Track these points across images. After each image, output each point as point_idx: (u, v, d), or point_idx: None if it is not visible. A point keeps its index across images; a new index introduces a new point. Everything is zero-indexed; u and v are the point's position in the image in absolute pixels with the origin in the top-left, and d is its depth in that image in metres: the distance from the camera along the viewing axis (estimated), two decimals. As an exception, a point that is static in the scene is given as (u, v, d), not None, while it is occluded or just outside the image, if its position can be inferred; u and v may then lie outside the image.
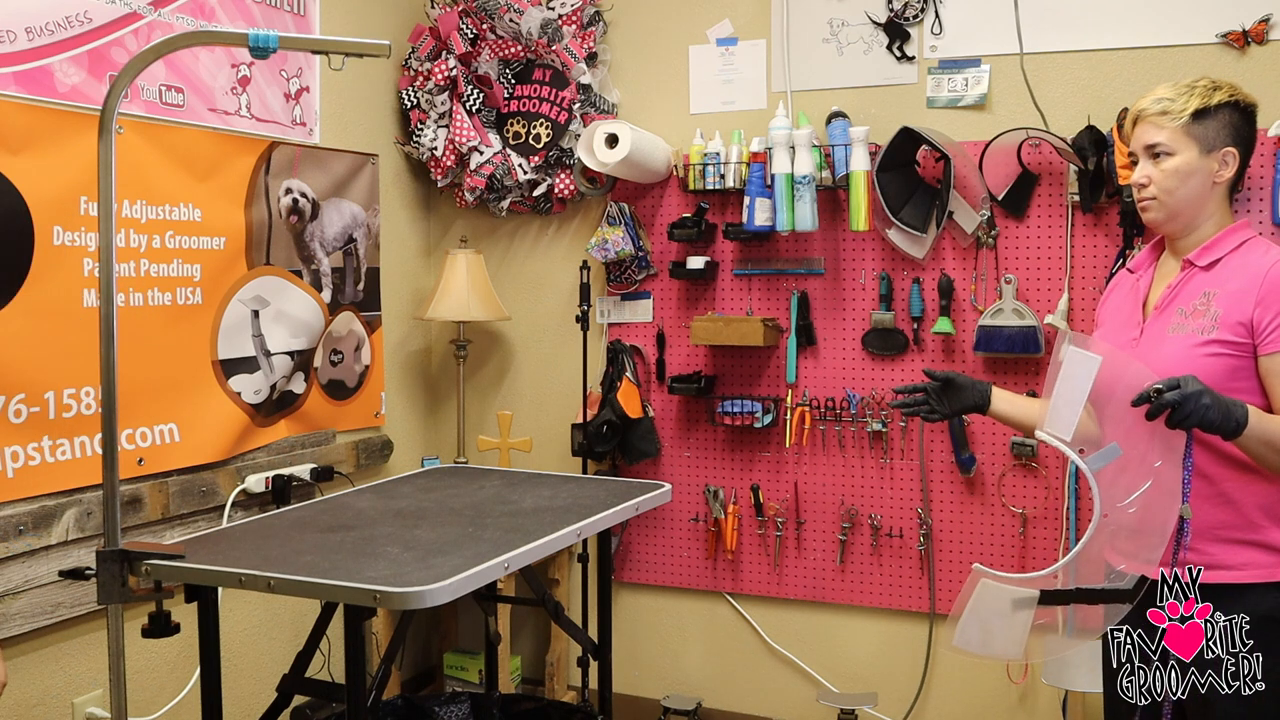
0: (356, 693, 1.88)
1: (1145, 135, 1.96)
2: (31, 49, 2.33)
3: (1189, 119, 1.92)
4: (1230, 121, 1.94)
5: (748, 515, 3.36)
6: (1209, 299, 1.91)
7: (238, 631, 2.97)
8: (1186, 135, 1.93)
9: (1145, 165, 1.97)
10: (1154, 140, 1.95)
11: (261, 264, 2.95)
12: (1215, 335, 1.87)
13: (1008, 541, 3.09)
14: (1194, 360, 1.87)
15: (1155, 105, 1.95)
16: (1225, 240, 1.95)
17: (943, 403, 2.13)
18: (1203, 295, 1.92)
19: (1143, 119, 1.97)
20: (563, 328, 3.58)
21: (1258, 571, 1.87)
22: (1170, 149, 1.93)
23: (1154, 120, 1.95)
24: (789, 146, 3.05)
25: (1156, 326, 1.97)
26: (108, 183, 1.78)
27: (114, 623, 1.84)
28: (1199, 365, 1.85)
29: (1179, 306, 1.95)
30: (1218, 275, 1.93)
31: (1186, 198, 1.94)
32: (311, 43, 1.91)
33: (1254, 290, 1.86)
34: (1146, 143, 1.96)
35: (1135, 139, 1.99)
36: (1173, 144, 1.93)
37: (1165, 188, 1.94)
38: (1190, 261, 1.96)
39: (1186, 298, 1.94)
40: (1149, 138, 1.96)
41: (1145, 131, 1.97)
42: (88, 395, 2.45)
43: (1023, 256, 3.04)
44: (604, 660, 2.66)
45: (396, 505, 2.41)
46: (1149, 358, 1.93)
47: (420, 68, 3.50)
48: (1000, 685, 3.14)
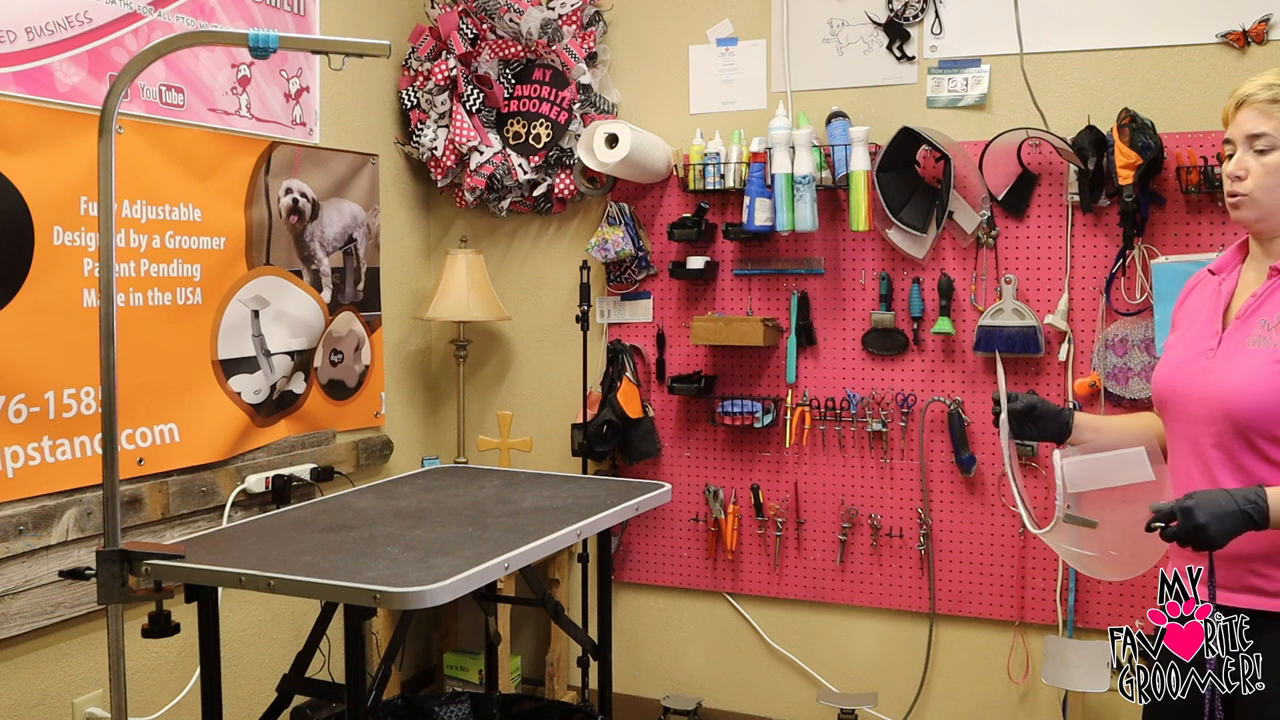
0: (356, 693, 1.88)
1: (1249, 123, 1.77)
2: (31, 49, 2.33)
3: None
4: None
5: (748, 515, 3.36)
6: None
7: (238, 631, 2.97)
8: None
9: (1244, 156, 1.78)
10: (1260, 130, 1.75)
11: (261, 264, 2.95)
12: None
13: (1008, 541, 3.09)
14: (1272, 377, 1.72)
15: (1266, 91, 1.76)
16: None
17: (1021, 429, 2.00)
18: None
19: (1250, 104, 1.78)
20: (563, 328, 3.57)
21: None
22: (1277, 142, 1.75)
23: (1262, 108, 1.76)
24: (789, 146, 3.05)
25: (1236, 337, 1.80)
26: (108, 183, 1.78)
27: (114, 623, 1.84)
28: (1277, 382, 1.72)
29: (1262, 317, 1.78)
30: None
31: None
32: (311, 43, 1.91)
33: None
34: (1250, 131, 1.77)
35: (1236, 125, 1.80)
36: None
37: (1265, 185, 1.76)
38: (1278, 269, 1.80)
39: (1272, 308, 1.78)
40: (1254, 126, 1.76)
41: (1250, 119, 1.77)
42: (88, 395, 2.45)
43: (1023, 256, 3.04)
44: (604, 660, 2.66)
45: (396, 505, 2.41)
46: (1224, 371, 1.79)
47: (420, 68, 3.50)
48: (1000, 685, 3.14)
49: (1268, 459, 1.73)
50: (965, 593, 3.14)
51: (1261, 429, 1.73)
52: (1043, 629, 3.07)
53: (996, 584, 3.11)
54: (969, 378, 3.10)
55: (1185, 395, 1.84)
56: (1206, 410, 1.79)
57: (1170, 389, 1.88)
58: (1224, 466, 1.77)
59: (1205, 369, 1.82)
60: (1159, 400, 1.93)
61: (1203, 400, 1.80)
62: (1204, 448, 1.80)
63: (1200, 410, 1.81)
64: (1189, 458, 1.83)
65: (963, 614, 3.15)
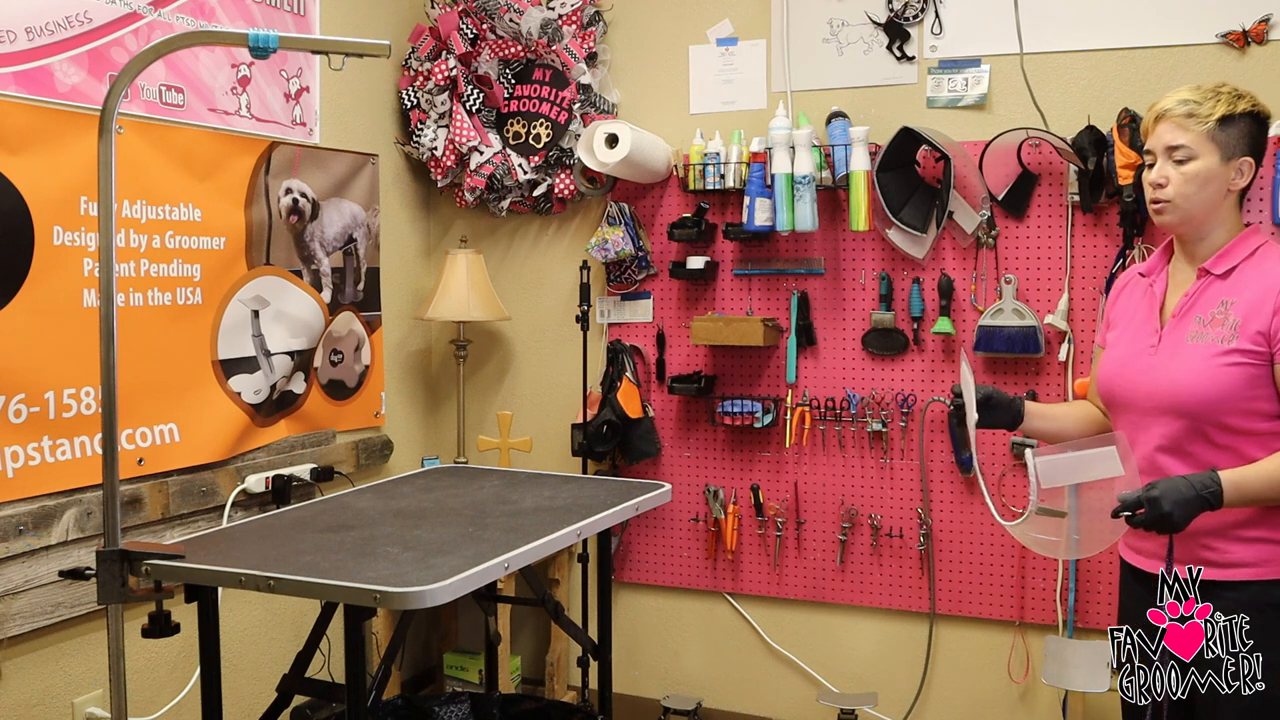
0: (356, 693, 1.88)
1: (1168, 135, 1.92)
2: (31, 49, 2.33)
3: (1215, 124, 1.89)
4: (1249, 131, 1.92)
5: (748, 515, 3.36)
6: (1227, 307, 1.90)
7: (238, 631, 2.97)
8: (1210, 140, 1.89)
9: (1164, 166, 1.94)
10: (1177, 142, 1.91)
11: (261, 264, 2.95)
12: (1235, 345, 1.87)
13: (1008, 541, 3.09)
14: (1214, 370, 1.87)
15: (1181, 107, 1.91)
16: (1239, 248, 1.94)
17: (979, 417, 2.10)
18: (1220, 304, 1.91)
19: (1166, 118, 1.93)
20: (563, 328, 3.57)
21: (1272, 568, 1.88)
22: (1193, 153, 1.90)
23: (1179, 122, 1.91)
24: (789, 146, 3.05)
25: (1175, 334, 1.95)
26: (108, 183, 1.78)
27: (114, 623, 1.84)
28: (1219, 375, 1.86)
29: (1197, 314, 1.94)
30: (1234, 283, 1.92)
31: (1202, 203, 1.92)
32: (311, 43, 1.92)
33: (1271, 299, 1.86)
34: (1169, 144, 1.92)
35: (1156, 138, 1.95)
36: (1196, 148, 1.90)
37: (1183, 192, 1.91)
38: (1206, 270, 1.95)
39: (1204, 306, 1.93)
40: (1172, 139, 1.92)
41: (1168, 132, 1.92)
42: (88, 395, 2.45)
43: (1023, 256, 3.04)
44: (604, 660, 2.66)
45: (396, 505, 2.41)
46: (1168, 366, 1.93)
47: (420, 68, 3.50)
48: (1000, 685, 3.14)
49: (1213, 442, 1.88)
50: (965, 593, 3.14)
51: (1208, 417, 1.88)
52: (1043, 629, 3.07)
53: (996, 584, 3.11)
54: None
55: (1133, 390, 1.98)
56: (1153, 404, 1.94)
57: (1116, 385, 2.02)
58: (1170, 454, 1.92)
59: (1149, 365, 1.96)
60: (1106, 395, 2.06)
61: (1149, 394, 1.95)
62: (1152, 437, 1.94)
63: (1147, 404, 1.95)
64: (1138, 447, 1.96)
65: (963, 614, 3.15)
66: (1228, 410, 1.87)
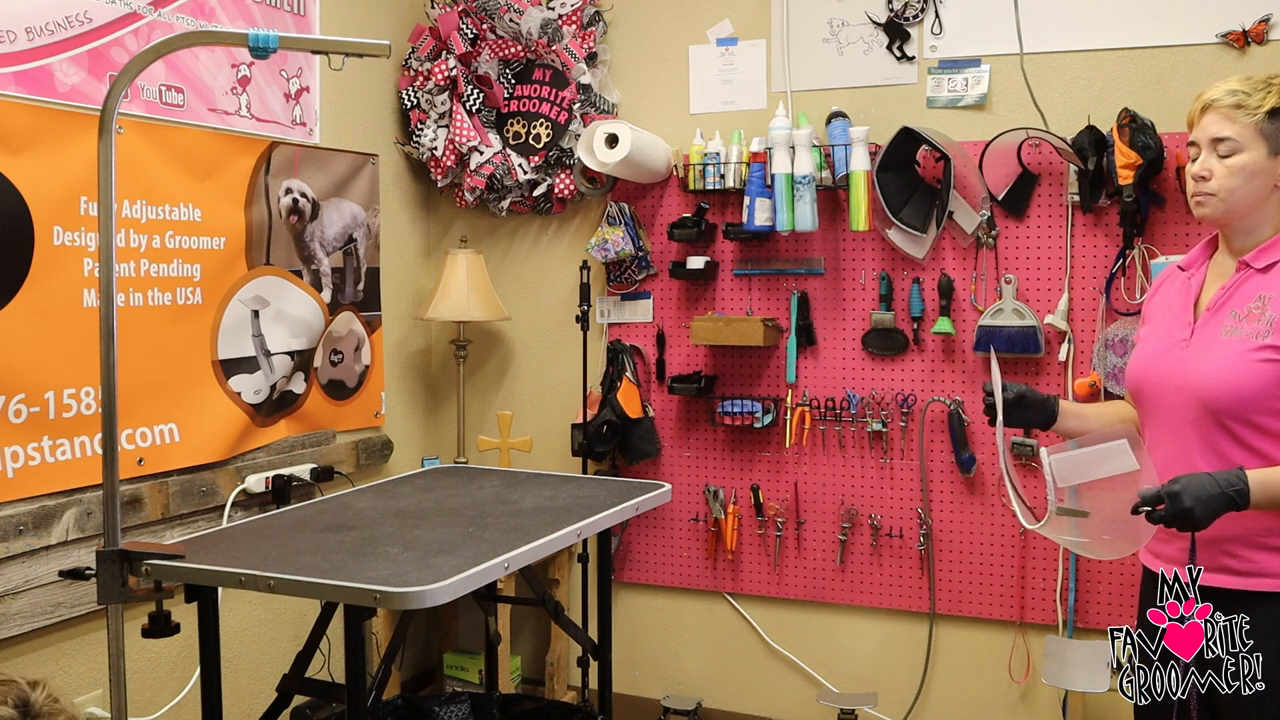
0: (356, 693, 1.88)
1: (1214, 127, 1.87)
2: (31, 49, 2.33)
3: (1264, 117, 1.83)
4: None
5: (748, 515, 3.36)
6: (1264, 302, 1.83)
7: (238, 631, 2.97)
8: (1258, 133, 1.84)
9: (1208, 158, 1.88)
10: (1224, 134, 1.85)
11: (261, 264, 2.95)
12: (1270, 340, 1.80)
13: (1008, 541, 3.09)
14: (1246, 365, 1.81)
15: (1229, 97, 1.85)
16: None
17: (1010, 416, 2.07)
18: (1258, 299, 1.85)
19: (1214, 108, 1.87)
20: (563, 328, 3.57)
21: None
22: (1239, 145, 1.84)
23: (1226, 113, 1.85)
24: (789, 146, 3.05)
25: (1208, 328, 1.89)
26: (108, 183, 1.78)
27: (114, 623, 1.84)
28: (1251, 370, 1.80)
29: (1232, 309, 1.87)
30: (1274, 279, 1.85)
31: (1246, 198, 1.86)
32: (311, 43, 1.92)
33: None
34: (1214, 135, 1.86)
35: (1201, 129, 1.89)
36: (1243, 140, 1.84)
37: (1228, 185, 1.86)
38: (1246, 263, 1.88)
39: (1241, 300, 1.87)
40: (1218, 130, 1.86)
41: (1214, 123, 1.87)
42: (88, 395, 2.45)
43: (1023, 256, 3.03)
44: (604, 660, 2.66)
45: (396, 505, 2.41)
46: (1199, 360, 1.87)
47: (420, 68, 3.50)
48: (1000, 685, 3.14)
49: (1242, 443, 1.82)
50: (965, 593, 3.14)
51: (1236, 414, 1.81)
52: (1043, 629, 3.07)
53: (996, 584, 3.11)
54: (969, 378, 3.10)
55: (1161, 385, 1.92)
56: (1183, 399, 1.88)
57: (1146, 380, 1.97)
58: (1200, 452, 1.85)
59: (1180, 359, 1.90)
60: (1135, 390, 2.01)
61: (1179, 389, 1.88)
62: (1181, 434, 1.88)
63: (1177, 399, 1.89)
64: (1166, 444, 1.90)
65: (963, 614, 3.15)
66: (1257, 408, 1.80)
